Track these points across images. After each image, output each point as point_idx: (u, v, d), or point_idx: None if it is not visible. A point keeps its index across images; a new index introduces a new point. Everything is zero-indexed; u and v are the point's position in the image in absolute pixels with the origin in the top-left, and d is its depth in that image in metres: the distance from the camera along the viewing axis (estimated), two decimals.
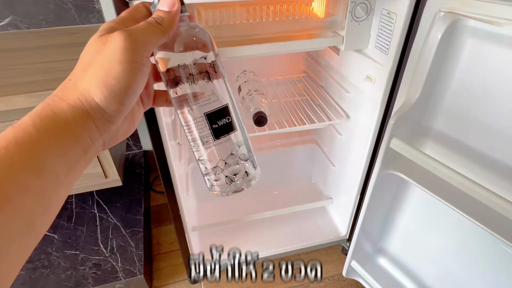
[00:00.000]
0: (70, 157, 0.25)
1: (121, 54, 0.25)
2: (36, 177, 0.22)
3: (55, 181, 0.24)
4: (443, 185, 0.59)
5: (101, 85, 0.25)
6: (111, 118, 0.27)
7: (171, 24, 0.29)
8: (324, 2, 0.73)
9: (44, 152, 0.23)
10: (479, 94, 0.57)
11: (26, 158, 0.22)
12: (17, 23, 0.94)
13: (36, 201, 0.22)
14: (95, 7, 0.98)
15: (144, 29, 0.27)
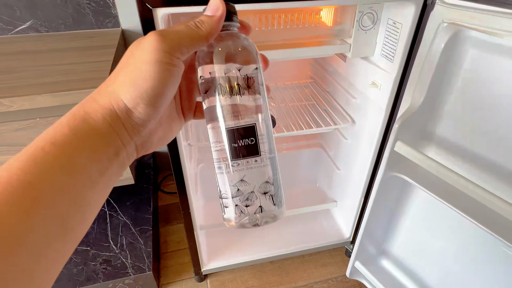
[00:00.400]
0: (102, 157, 0.24)
1: (150, 54, 0.25)
2: (70, 177, 0.22)
3: (88, 181, 0.23)
4: (445, 188, 0.61)
5: (128, 86, 0.25)
6: (139, 120, 0.26)
7: (211, 29, 0.28)
8: (332, 11, 0.77)
9: (76, 151, 0.23)
10: (480, 100, 0.60)
11: (60, 158, 0.22)
12: (37, 27, 0.99)
13: (71, 202, 0.22)
14: (112, 12, 1.02)
15: (179, 31, 0.27)
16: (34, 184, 0.21)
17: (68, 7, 0.98)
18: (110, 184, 0.26)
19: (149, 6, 0.52)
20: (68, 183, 0.22)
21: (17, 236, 0.19)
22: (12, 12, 0.95)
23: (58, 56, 0.86)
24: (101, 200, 0.25)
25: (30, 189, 0.20)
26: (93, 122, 0.24)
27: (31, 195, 0.20)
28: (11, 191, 0.20)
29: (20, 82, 0.71)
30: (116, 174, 0.26)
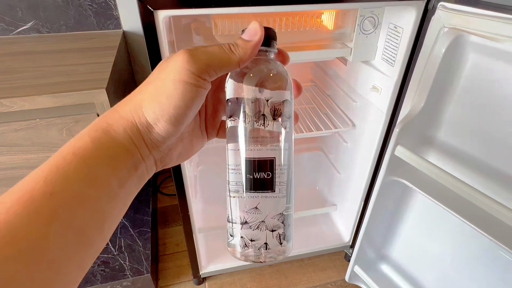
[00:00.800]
0: (121, 169, 0.24)
1: (177, 73, 0.24)
2: (90, 187, 0.22)
3: (108, 193, 0.23)
4: (445, 193, 0.61)
5: (151, 101, 0.25)
6: (159, 136, 0.26)
7: (245, 55, 0.27)
8: (334, 15, 0.77)
9: (96, 162, 0.23)
10: (481, 105, 0.60)
11: (81, 168, 0.22)
12: (38, 28, 0.99)
13: (89, 213, 0.22)
14: (113, 14, 1.03)
15: (212, 52, 0.26)
16: (55, 194, 0.21)
17: (70, 8, 0.98)
18: (129, 197, 0.26)
19: (150, 8, 0.52)
20: (88, 194, 0.22)
21: (36, 247, 0.19)
22: (14, 13, 0.95)
23: (59, 57, 0.86)
24: (120, 213, 0.25)
25: (51, 199, 0.20)
26: (114, 133, 0.24)
27: (52, 206, 0.20)
28: (33, 201, 0.20)
29: (21, 82, 0.71)
30: (135, 187, 0.26)
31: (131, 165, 0.25)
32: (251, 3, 0.57)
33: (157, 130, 0.25)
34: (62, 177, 0.21)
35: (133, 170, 0.25)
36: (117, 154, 0.24)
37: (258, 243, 0.29)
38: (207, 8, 0.54)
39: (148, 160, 0.26)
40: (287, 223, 0.30)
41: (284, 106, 0.28)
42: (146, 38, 0.55)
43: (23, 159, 0.73)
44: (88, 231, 0.22)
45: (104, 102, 0.70)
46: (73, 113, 0.71)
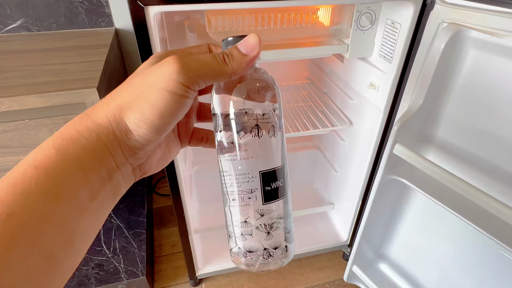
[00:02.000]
0: (93, 179, 0.22)
1: (165, 82, 0.23)
2: (55, 203, 0.20)
3: (77, 207, 0.21)
4: (445, 191, 0.60)
5: (134, 107, 0.23)
6: (138, 142, 0.24)
7: (239, 68, 0.26)
8: (330, 11, 0.75)
9: (63, 174, 0.21)
10: (480, 102, 0.59)
11: (43, 182, 0.20)
12: (28, 26, 0.96)
13: (56, 232, 0.20)
14: (105, 11, 1.00)
15: (204, 61, 0.24)
16: (13, 215, 0.18)
17: (60, 6, 0.96)
18: (104, 210, 0.23)
19: (140, 4, 0.50)
20: (53, 211, 0.20)
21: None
22: (3, 11, 0.93)
23: (49, 55, 0.84)
24: (93, 228, 0.23)
25: (8, 221, 0.18)
26: (84, 140, 0.22)
27: (10, 228, 0.18)
28: None
29: (9, 82, 0.69)
30: (110, 199, 0.24)
31: (104, 174, 0.23)
32: None
33: (137, 136, 0.24)
34: (21, 195, 0.19)
35: (106, 180, 0.23)
36: (87, 164, 0.22)
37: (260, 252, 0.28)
38: (199, 4, 0.53)
39: (124, 168, 0.24)
40: (291, 225, 0.31)
41: (279, 111, 0.29)
42: (136, 35, 0.53)
43: (12, 161, 0.71)
44: (54, 251, 0.20)
45: (95, 101, 0.68)
46: (63, 113, 0.69)
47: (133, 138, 0.24)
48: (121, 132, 0.23)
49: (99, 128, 0.23)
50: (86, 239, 0.22)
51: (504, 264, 0.64)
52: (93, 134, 0.23)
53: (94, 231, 0.23)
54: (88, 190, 0.22)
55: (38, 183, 0.20)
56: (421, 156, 0.60)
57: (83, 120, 0.23)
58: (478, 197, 0.53)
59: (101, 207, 0.23)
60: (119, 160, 0.24)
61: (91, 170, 0.22)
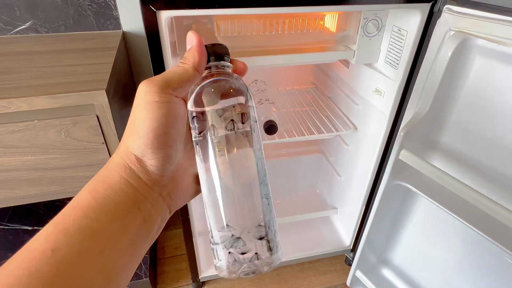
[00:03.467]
0: (122, 215, 0.23)
1: (141, 99, 0.25)
2: (90, 239, 0.22)
3: (111, 241, 0.22)
4: (450, 197, 0.60)
5: (131, 135, 0.25)
6: (154, 167, 0.25)
7: (194, 60, 0.27)
8: (336, 17, 0.76)
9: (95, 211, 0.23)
10: (486, 109, 0.59)
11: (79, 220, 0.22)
12: (37, 27, 0.97)
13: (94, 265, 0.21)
14: (113, 14, 1.01)
15: (167, 72, 0.27)
16: (56, 251, 0.20)
17: (69, 8, 0.97)
18: (139, 243, 0.24)
19: (153, 8, 0.51)
20: (89, 246, 0.21)
21: None
22: (12, 12, 0.94)
23: (57, 57, 0.84)
24: (129, 263, 0.24)
25: (53, 256, 0.20)
26: (110, 181, 0.24)
27: (53, 263, 0.20)
28: (33, 260, 0.20)
29: (19, 83, 0.70)
30: (144, 231, 0.25)
31: (131, 207, 0.24)
32: (255, 4, 0.56)
33: (148, 161, 0.25)
34: (62, 233, 0.21)
35: (136, 212, 0.24)
36: (114, 200, 0.23)
37: (248, 255, 0.27)
38: (210, 9, 0.53)
39: (151, 197, 0.25)
40: (273, 228, 0.29)
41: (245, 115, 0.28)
42: (148, 39, 0.54)
43: (20, 161, 0.72)
44: (94, 285, 0.21)
45: (103, 103, 0.69)
46: (72, 114, 0.69)
47: (147, 165, 0.25)
48: (135, 165, 0.25)
49: (119, 168, 0.25)
50: (124, 274, 0.23)
51: (509, 271, 0.64)
52: (115, 175, 0.24)
53: (131, 266, 0.24)
54: (119, 223, 0.23)
55: (75, 221, 0.22)
56: (427, 162, 0.60)
57: (108, 164, 0.26)
58: (483, 204, 0.54)
59: (135, 240, 0.24)
60: (143, 189, 0.25)
61: (119, 206, 0.23)
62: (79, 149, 0.74)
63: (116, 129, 0.74)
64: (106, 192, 0.24)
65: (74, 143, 0.72)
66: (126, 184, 0.24)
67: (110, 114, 0.70)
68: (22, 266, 0.20)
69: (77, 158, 0.75)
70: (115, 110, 0.72)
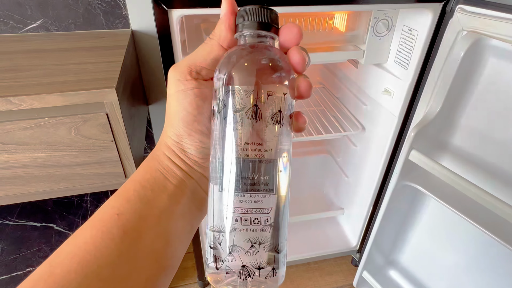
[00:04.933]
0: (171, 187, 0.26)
1: (169, 88, 0.26)
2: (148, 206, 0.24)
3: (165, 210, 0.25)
4: (460, 198, 0.60)
5: (168, 124, 0.27)
6: (193, 149, 0.26)
7: (220, 32, 0.25)
8: (346, 17, 0.76)
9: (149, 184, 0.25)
10: (498, 110, 0.59)
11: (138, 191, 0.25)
12: (47, 26, 0.98)
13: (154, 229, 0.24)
14: (122, 13, 1.02)
15: (194, 52, 0.26)
16: (121, 215, 0.23)
17: (79, 7, 0.98)
18: (190, 214, 0.27)
19: (165, 7, 0.51)
20: (148, 213, 0.24)
21: (113, 257, 0.22)
22: (23, 11, 0.95)
23: (68, 55, 0.85)
24: (185, 231, 0.26)
25: (119, 219, 0.23)
26: (158, 158, 0.27)
27: (120, 224, 0.23)
28: (104, 223, 0.23)
29: (30, 80, 0.71)
30: (195, 206, 0.27)
31: (179, 182, 0.26)
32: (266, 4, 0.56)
33: (186, 146, 0.26)
34: (125, 201, 0.24)
35: (184, 187, 0.26)
36: (164, 176, 0.26)
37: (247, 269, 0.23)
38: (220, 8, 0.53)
39: (196, 176, 0.27)
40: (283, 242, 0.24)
41: (280, 102, 0.23)
42: (159, 37, 0.54)
43: (30, 158, 0.73)
44: (155, 246, 0.24)
45: (113, 101, 0.69)
46: (82, 112, 0.70)
47: (186, 148, 0.26)
48: (175, 147, 0.27)
49: (164, 150, 0.27)
50: (181, 240, 0.26)
51: None
52: (162, 155, 0.27)
53: (188, 234, 0.27)
54: (171, 195, 0.26)
55: (135, 191, 0.25)
56: (438, 163, 0.60)
57: (156, 150, 0.28)
58: (494, 205, 0.53)
59: (186, 212, 0.26)
60: (187, 168, 0.27)
61: (166, 180, 0.26)
62: (89, 147, 0.75)
63: (125, 127, 0.74)
64: (158, 168, 0.26)
65: (83, 141, 0.73)
66: (172, 163, 0.26)
67: (120, 112, 0.71)
68: (96, 227, 0.23)
69: (86, 155, 0.76)
70: (124, 108, 0.73)
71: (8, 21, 0.94)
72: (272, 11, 0.25)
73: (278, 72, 0.23)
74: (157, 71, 1.13)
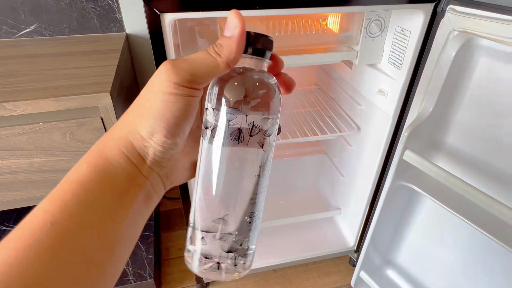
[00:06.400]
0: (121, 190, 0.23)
1: (161, 86, 0.24)
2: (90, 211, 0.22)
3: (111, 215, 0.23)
4: (455, 198, 0.60)
5: (143, 117, 0.24)
6: (157, 150, 0.25)
7: (231, 53, 0.24)
8: (339, 18, 0.76)
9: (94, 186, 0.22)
10: (491, 109, 0.59)
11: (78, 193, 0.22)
12: (41, 30, 0.98)
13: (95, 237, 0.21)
14: (116, 16, 1.02)
15: (195, 59, 0.24)
16: (56, 224, 0.20)
17: (73, 11, 0.98)
18: (139, 217, 0.25)
19: (157, 11, 0.51)
20: (90, 219, 0.21)
21: (42, 276, 0.19)
22: (17, 16, 0.94)
23: (62, 60, 0.85)
24: (130, 235, 0.24)
25: (52, 229, 0.20)
26: (109, 154, 0.24)
27: (54, 235, 0.20)
28: (33, 233, 0.20)
29: (24, 86, 0.71)
30: (144, 207, 0.25)
31: (130, 183, 0.24)
32: (259, 6, 0.56)
33: (154, 144, 0.24)
34: (61, 206, 0.21)
35: (135, 188, 0.24)
36: (113, 175, 0.23)
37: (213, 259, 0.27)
38: (214, 11, 0.54)
39: (152, 176, 0.25)
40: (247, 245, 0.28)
41: (266, 127, 0.26)
42: (152, 41, 0.54)
43: (26, 163, 0.72)
44: (96, 256, 0.21)
45: (108, 105, 0.69)
46: (77, 116, 0.70)
47: (151, 147, 0.24)
48: (139, 143, 0.24)
49: (121, 142, 0.24)
50: (125, 245, 0.24)
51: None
52: (116, 149, 0.24)
53: (132, 238, 0.25)
54: (118, 197, 0.23)
55: (74, 194, 0.22)
56: (431, 163, 0.60)
57: (108, 136, 0.25)
58: (488, 204, 0.54)
59: (136, 215, 0.24)
60: (143, 168, 0.25)
61: (118, 180, 0.23)
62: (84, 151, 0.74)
63: None
64: (105, 166, 0.23)
65: (78, 145, 0.73)
66: (126, 160, 0.24)
67: (115, 116, 0.71)
68: (23, 239, 0.20)
69: None
70: (119, 112, 0.73)
71: (1, 26, 0.94)
72: (272, 40, 0.27)
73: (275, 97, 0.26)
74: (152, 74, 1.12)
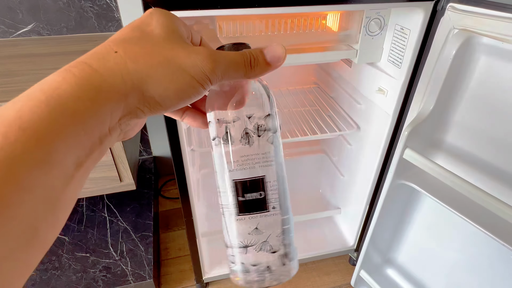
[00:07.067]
0: (85, 145, 0.20)
1: (195, 73, 0.23)
2: (42, 172, 0.18)
3: (63, 176, 0.19)
4: (455, 197, 0.60)
5: (161, 82, 0.22)
6: (143, 114, 0.23)
7: (259, 75, 0.26)
8: (338, 17, 0.76)
9: (54, 140, 0.18)
10: (491, 108, 0.59)
11: (31, 150, 0.17)
12: (39, 30, 0.98)
13: (41, 203, 0.18)
14: (114, 15, 1.01)
15: (232, 61, 0.25)
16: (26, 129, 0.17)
17: (71, 10, 0.97)
18: (85, 177, 0.22)
19: None
20: (39, 182, 0.17)
21: None
22: (14, 15, 0.94)
23: (60, 59, 0.85)
24: (74, 197, 0.21)
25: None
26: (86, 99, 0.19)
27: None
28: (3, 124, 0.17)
29: (22, 85, 0.70)
30: (92, 166, 0.22)
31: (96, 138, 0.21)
32: (258, 5, 0.56)
33: (148, 108, 0.23)
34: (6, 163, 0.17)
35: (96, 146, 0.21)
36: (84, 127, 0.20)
37: (260, 266, 0.27)
38: (213, 10, 0.53)
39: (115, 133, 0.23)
40: (288, 241, 0.29)
41: (267, 120, 0.28)
42: None
43: None
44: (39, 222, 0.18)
45: None
46: None
47: (142, 107, 0.23)
48: (134, 99, 0.22)
49: (110, 87, 0.21)
50: (67, 209, 0.21)
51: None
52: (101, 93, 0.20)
53: (75, 200, 0.21)
54: (76, 157, 0.19)
55: (24, 149, 0.17)
56: (432, 161, 0.60)
57: (87, 73, 0.20)
58: (489, 203, 0.53)
59: (84, 175, 0.21)
60: (114, 124, 0.22)
61: (85, 134, 0.20)
62: None
63: None
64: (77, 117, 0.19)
65: None
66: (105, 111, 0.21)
67: None
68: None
69: None
70: None
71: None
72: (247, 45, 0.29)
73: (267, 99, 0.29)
74: None
